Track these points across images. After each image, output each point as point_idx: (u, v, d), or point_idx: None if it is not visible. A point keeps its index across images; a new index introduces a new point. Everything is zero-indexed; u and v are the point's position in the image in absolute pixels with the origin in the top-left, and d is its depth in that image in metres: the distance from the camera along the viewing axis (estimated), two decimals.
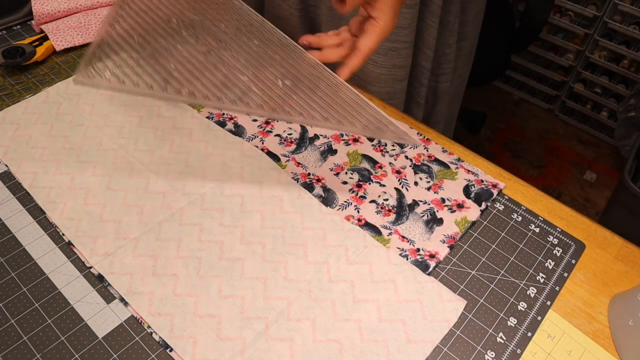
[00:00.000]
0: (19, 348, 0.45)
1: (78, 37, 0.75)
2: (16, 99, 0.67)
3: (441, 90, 0.78)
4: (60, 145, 0.61)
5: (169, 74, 0.46)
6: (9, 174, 0.58)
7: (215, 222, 0.54)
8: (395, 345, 0.46)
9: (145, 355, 0.45)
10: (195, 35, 0.51)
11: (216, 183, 0.58)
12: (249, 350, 0.45)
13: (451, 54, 0.73)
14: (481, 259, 0.53)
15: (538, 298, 0.50)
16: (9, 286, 0.49)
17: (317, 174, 0.60)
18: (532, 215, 0.57)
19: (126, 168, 0.59)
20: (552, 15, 1.75)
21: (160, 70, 0.46)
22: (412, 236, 0.54)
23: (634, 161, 1.35)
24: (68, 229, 0.53)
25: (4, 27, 0.77)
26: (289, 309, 0.48)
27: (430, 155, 0.63)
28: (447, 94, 0.79)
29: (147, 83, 0.44)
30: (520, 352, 0.47)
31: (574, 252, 0.54)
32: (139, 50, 0.47)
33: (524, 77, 1.95)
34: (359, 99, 0.49)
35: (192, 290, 0.49)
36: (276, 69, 0.50)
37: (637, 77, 1.65)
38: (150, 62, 0.46)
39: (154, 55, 0.47)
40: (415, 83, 0.76)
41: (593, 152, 1.83)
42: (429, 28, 0.68)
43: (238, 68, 0.49)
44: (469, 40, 0.77)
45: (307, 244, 0.53)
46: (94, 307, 0.48)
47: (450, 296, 0.49)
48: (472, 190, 0.59)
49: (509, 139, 1.86)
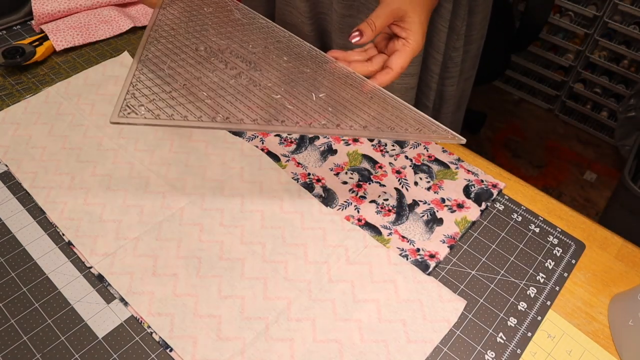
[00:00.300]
0: (19, 348, 0.45)
1: (78, 37, 0.75)
2: (16, 99, 0.67)
3: (447, 94, 0.78)
4: (60, 145, 0.61)
5: (203, 102, 0.46)
6: (9, 174, 0.58)
7: (215, 222, 0.54)
8: (395, 345, 0.46)
9: (145, 355, 0.45)
10: (225, 60, 0.52)
11: (216, 183, 0.58)
12: (249, 350, 0.45)
13: (458, 57, 0.74)
14: (481, 259, 0.53)
15: (538, 298, 0.50)
16: (9, 286, 0.49)
17: (317, 174, 0.60)
18: (532, 215, 0.57)
19: (126, 168, 0.59)
20: (552, 15, 1.75)
21: (193, 99, 0.46)
22: (412, 236, 0.54)
23: (634, 161, 1.35)
24: (68, 229, 0.53)
25: (4, 27, 0.77)
26: (289, 309, 0.48)
27: (430, 155, 0.63)
28: (453, 97, 0.79)
29: (181, 114, 0.45)
30: (520, 352, 0.47)
31: (574, 252, 0.54)
32: (170, 82, 0.48)
33: (524, 77, 1.95)
34: (397, 103, 0.49)
35: (192, 290, 0.49)
36: (308, 82, 0.50)
37: (637, 77, 1.65)
38: (182, 93, 0.47)
39: (186, 85, 0.48)
40: (423, 87, 0.77)
41: (593, 152, 1.83)
42: (439, 32, 0.68)
43: (270, 87, 0.49)
44: (475, 44, 0.77)
45: (307, 244, 0.53)
46: (94, 307, 0.48)
47: (450, 296, 0.49)
48: (472, 190, 0.59)
49: (509, 139, 1.86)
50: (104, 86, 0.69)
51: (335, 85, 0.50)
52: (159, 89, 0.47)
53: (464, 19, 0.69)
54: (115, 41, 0.77)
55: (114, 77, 0.70)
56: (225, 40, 0.55)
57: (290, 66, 0.52)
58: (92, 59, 0.74)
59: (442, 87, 0.77)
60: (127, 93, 0.46)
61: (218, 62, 0.51)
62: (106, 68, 0.72)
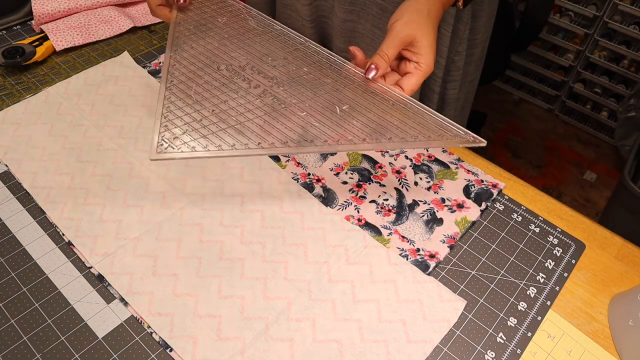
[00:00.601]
0: (19, 348, 0.45)
1: (78, 37, 0.75)
2: (16, 99, 0.67)
3: (450, 97, 0.78)
4: (60, 145, 0.61)
5: (233, 128, 0.47)
6: (9, 174, 0.58)
7: (215, 222, 0.54)
8: (395, 345, 0.46)
9: (145, 355, 0.45)
10: (247, 78, 0.52)
11: (216, 183, 0.58)
12: (249, 350, 0.45)
13: (460, 62, 0.74)
14: (481, 259, 0.53)
15: (538, 298, 0.50)
16: (9, 286, 0.49)
17: (317, 174, 0.60)
18: (532, 215, 0.57)
19: (126, 168, 0.59)
20: (552, 15, 1.75)
21: (224, 126, 0.47)
22: (412, 236, 0.54)
23: (634, 161, 1.35)
24: (68, 229, 0.53)
25: (4, 27, 0.77)
26: (289, 309, 0.48)
27: (430, 155, 0.63)
28: (456, 100, 0.80)
29: (215, 143, 0.46)
30: (520, 352, 0.47)
31: (574, 252, 0.54)
32: (199, 109, 0.49)
33: (524, 77, 1.95)
34: (418, 109, 0.50)
35: (192, 290, 0.49)
36: (331, 94, 0.51)
37: (637, 77, 1.65)
38: (212, 120, 0.48)
39: (214, 111, 0.49)
40: (426, 90, 0.77)
41: (593, 152, 1.83)
42: (443, 37, 0.69)
43: (294, 104, 0.50)
44: (479, 47, 0.77)
45: (307, 244, 0.53)
46: (94, 307, 0.48)
47: (450, 296, 0.49)
48: (472, 190, 0.59)
49: (509, 139, 1.86)
50: (104, 86, 0.69)
51: (357, 95, 0.51)
52: (190, 118, 0.48)
53: (467, 23, 0.70)
54: (115, 41, 0.77)
55: (114, 77, 0.70)
56: (245, 54, 0.55)
57: (311, 77, 0.53)
58: (92, 59, 0.74)
59: (444, 90, 0.78)
60: (161, 126, 0.46)
61: (241, 82, 0.52)
62: (106, 68, 0.72)
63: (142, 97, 0.68)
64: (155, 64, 0.73)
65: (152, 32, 0.80)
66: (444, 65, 0.72)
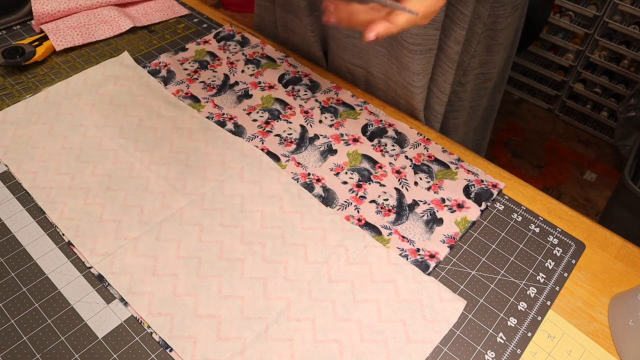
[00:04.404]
0: (19, 348, 0.45)
1: (78, 37, 0.75)
2: (16, 99, 0.67)
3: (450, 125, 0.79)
4: (60, 145, 0.61)
5: None
6: (9, 174, 0.58)
7: (215, 222, 0.54)
8: (395, 345, 0.46)
9: (145, 355, 0.45)
10: None
11: (216, 183, 0.58)
12: (249, 350, 0.45)
13: (463, 92, 0.74)
14: (481, 259, 0.53)
15: (538, 298, 0.50)
16: (9, 286, 0.49)
17: (317, 174, 0.60)
18: (532, 215, 0.57)
19: (126, 168, 0.59)
20: (552, 15, 1.75)
21: None
22: (412, 236, 0.54)
23: (634, 161, 1.35)
24: (68, 229, 0.53)
25: (4, 27, 0.77)
26: (289, 309, 0.48)
27: (430, 155, 0.63)
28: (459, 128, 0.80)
29: None
30: (520, 352, 0.47)
31: (574, 252, 0.54)
32: None
33: (524, 77, 1.95)
34: None
35: (192, 290, 0.49)
36: None
37: (637, 77, 1.65)
38: None
39: None
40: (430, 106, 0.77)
41: (593, 152, 1.83)
42: (445, 73, 0.69)
43: None
44: (494, 80, 0.77)
45: (307, 244, 0.53)
46: (94, 307, 0.48)
47: (450, 296, 0.49)
48: (472, 190, 0.59)
49: (509, 139, 1.86)
50: (104, 86, 0.69)
51: None
52: None
53: (473, 56, 0.70)
54: (115, 41, 0.77)
55: (114, 77, 0.70)
56: None
57: None
58: (92, 59, 0.74)
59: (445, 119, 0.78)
60: None
61: None
62: (106, 68, 0.72)
63: (142, 97, 0.68)
64: (155, 64, 0.73)
65: (152, 32, 0.80)
66: (445, 101, 0.72)
